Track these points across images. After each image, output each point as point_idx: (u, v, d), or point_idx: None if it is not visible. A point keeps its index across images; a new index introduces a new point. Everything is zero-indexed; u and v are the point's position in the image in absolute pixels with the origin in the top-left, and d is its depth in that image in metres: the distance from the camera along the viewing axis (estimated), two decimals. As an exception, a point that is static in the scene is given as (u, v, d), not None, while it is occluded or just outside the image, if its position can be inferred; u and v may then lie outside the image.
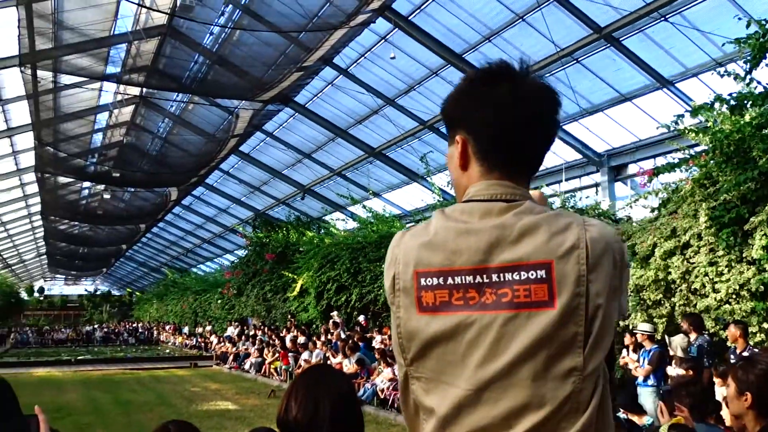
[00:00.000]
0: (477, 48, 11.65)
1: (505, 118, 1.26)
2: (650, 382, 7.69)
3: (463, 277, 1.20)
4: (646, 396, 7.57)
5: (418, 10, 11.37)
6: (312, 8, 11.22)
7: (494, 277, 1.18)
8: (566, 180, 13.71)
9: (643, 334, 7.78)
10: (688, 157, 7.99)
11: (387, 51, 12.40)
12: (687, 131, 7.86)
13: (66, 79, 14.57)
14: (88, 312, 53.63)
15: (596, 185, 13.50)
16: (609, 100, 11.90)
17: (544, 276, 1.16)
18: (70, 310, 55.48)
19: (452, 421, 1.20)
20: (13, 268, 44.27)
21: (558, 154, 13.83)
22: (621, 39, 10.45)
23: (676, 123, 7.84)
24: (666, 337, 7.54)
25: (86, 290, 56.95)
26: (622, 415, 5.42)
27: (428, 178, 14.87)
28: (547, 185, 12.95)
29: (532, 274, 1.16)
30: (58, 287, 58.19)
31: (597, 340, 1.16)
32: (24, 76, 13.27)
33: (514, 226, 1.19)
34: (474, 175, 1.30)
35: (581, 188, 13.65)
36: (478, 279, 1.19)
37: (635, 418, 5.49)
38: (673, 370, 7.22)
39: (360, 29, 11.49)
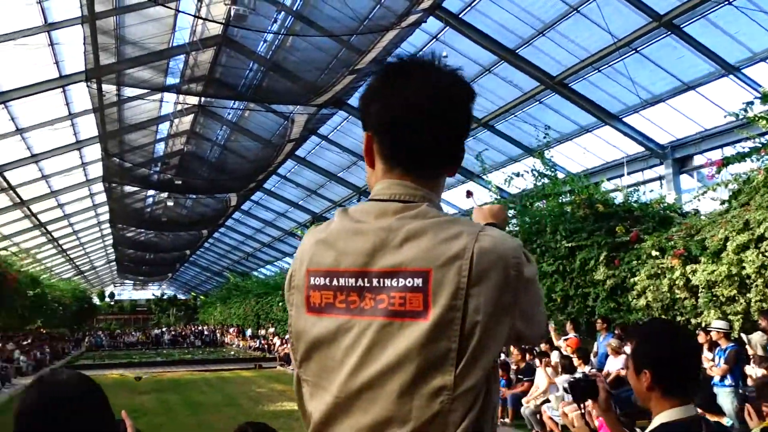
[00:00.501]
0: (531, 42, 11.44)
1: (402, 114, 1.18)
2: (727, 381, 7.35)
3: (347, 279, 1.15)
4: (724, 396, 7.24)
5: (469, 8, 11.26)
6: (362, 11, 11.26)
7: (374, 282, 1.13)
8: (628, 174, 13.30)
9: (718, 332, 7.46)
10: (760, 145, 7.61)
11: (439, 50, 12.30)
12: (757, 119, 7.50)
13: (129, 91, 15.10)
14: (156, 316, 55.52)
15: (660, 178, 13.04)
16: (671, 89, 11.48)
17: (420, 285, 1.09)
18: (139, 314, 57.54)
19: (323, 429, 1.16)
20: (85, 274, 46.27)
21: (619, 147, 13.44)
22: (682, 26, 10.05)
23: (745, 111, 7.50)
24: (743, 335, 7.21)
25: (153, 295, 58.97)
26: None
27: (484, 177, 14.69)
28: (608, 179, 12.59)
29: (409, 282, 1.09)
30: (128, 292, 60.46)
31: (472, 359, 1.07)
32: (90, 90, 13.82)
33: (399, 230, 1.13)
34: (378, 173, 1.24)
35: (644, 182, 13.20)
36: (360, 282, 1.14)
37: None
38: (753, 370, 6.90)
39: (411, 29, 11.46)
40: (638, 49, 10.74)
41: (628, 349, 7.48)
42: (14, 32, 11.83)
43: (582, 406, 2.37)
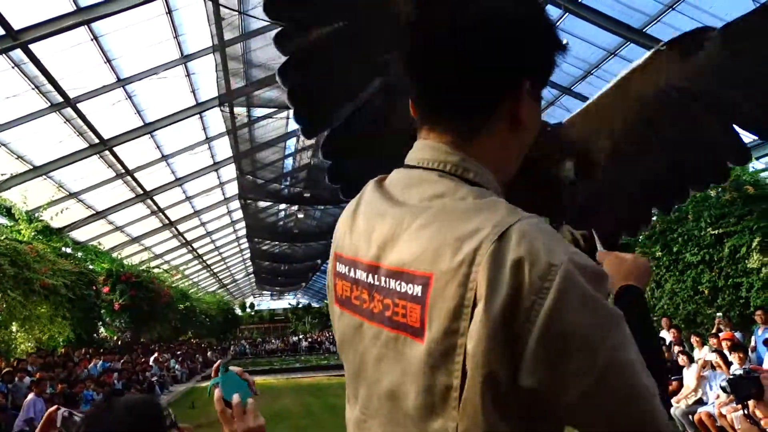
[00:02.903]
0: (660, 19, 10.76)
1: (418, 48, 0.92)
2: None
3: (361, 271, 0.93)
4: None
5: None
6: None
7: (383, 281, 0.88)
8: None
9: None
10: None
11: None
12: None
13: (258, 111, 15.97)
14: (293, 324, 58.04)
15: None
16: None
17: (419, 294, 0.81)
18: (278, 323, 60.37)
19: None
20: (227, 287, 49.39)
21: None
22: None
23: None
24: None
25: (289, 304, 61.75)
26: None
27: (615, 166, 14.01)
28: (757, 159, 11.53)
29: (410, 288, 0.83)
30: (266, 302, 63.78)
31: (476, 403, 0.77)
32: (223, 114, 14.76)
33: (415, 215, 0.86)
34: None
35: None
36: (370, 279, 0.91)
37: None
38: None
39: (528, 21, 11.18)
40: (784, 10, 9.78)
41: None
42: (156, 67, 12.90)
43: (744, 405, 2.17)
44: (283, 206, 26.48)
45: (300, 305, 60.29)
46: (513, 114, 0.91)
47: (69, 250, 17.30)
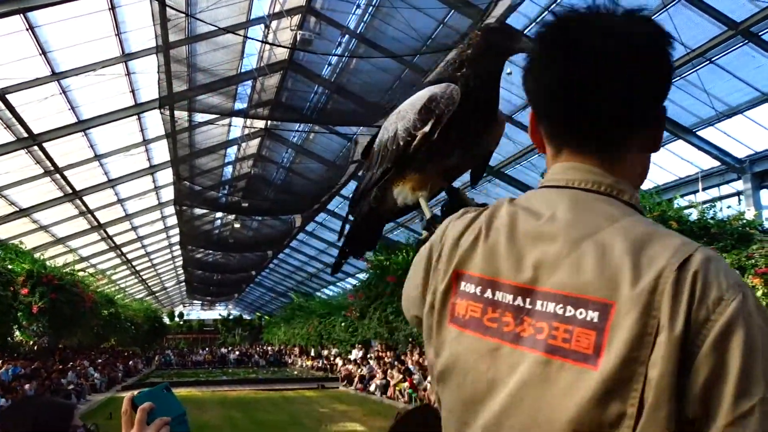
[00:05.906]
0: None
1: (559, 81, 0.93)
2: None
3: (503, 293, 0.90)
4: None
5: (533, 24, 11.15)
6: (425, 31, 11.33)
7: (538, 305, 0.86)
8: (703, 190, 12.76)
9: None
10: None
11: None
12: None
13: (199, 117, 15.66)
14: (222, 335, 56.71)
15: (738, 194, 12.46)
16: (749, 100, 10.98)
17: (595, 320, 0.80)
18: (206, 334, 58.89)
19: None
20: (156, 295, 47.88)
21: (693, 162, 12.94)
22: (761, 34, 9.64)
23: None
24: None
25: (220, 315, 60.33)
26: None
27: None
28: (682, 196, 12.11)
29: (581, 313, 0.81)
30: (196, 312, 62.07)
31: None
32: (163, 117, 14.39)
33: (581, 240, 0.85)
34: (549, 158, 1.01)
35: (721, 198, 12.65)
36: (519, 301, 0.88)
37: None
38: None
39: (474, 48, 11.43)
40: (713, 60, 10.36)
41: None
42: (94, 63, 12.47)
43: None
44: (219, 215, 25.97)
45: (231, 317, 59.04)
46: (655, 138, 0.96)
47: (-14, 248, 16.38)
